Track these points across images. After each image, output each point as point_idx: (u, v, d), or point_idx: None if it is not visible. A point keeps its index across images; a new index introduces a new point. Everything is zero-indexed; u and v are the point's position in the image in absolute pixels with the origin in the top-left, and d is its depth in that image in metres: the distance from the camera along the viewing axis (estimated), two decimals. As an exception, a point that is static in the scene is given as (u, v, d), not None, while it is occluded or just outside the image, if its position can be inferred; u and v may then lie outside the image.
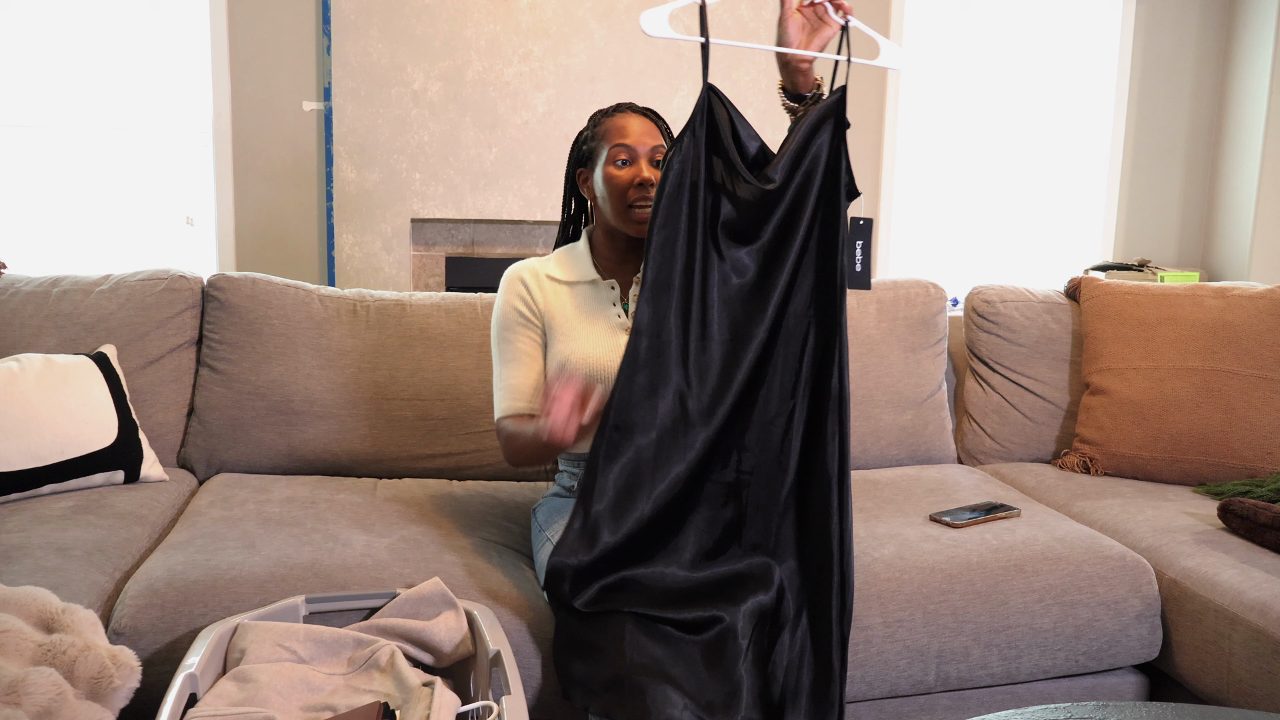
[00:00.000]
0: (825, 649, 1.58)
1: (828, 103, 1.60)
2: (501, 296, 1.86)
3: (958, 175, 4.72)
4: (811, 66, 1.62)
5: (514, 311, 1.84)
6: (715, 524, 1.64)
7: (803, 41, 1.60)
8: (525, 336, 1.83)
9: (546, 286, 1.85)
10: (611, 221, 1.80)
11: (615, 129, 1.78)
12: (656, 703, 1.40)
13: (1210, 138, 4.83)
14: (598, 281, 1.84)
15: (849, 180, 1.61)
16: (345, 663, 1.50)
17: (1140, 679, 1.98)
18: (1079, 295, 2.61)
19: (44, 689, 1.28)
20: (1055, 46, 4.70)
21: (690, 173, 1.57)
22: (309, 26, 4.04)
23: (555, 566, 1.56)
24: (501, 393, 1.84)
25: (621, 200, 1.76)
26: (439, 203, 3.99)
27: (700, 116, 1.56)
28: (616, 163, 1.76)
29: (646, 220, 1.75)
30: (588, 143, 1.84)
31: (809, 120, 1.59)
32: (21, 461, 1.93)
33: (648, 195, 1.74)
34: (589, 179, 1.84)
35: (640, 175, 1.74)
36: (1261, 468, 2.28)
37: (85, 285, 2.29)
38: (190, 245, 4.14)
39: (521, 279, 1.85)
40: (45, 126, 3.97)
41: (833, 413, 1.60)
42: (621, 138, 1.76)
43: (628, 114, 1.80)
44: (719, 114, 1.57)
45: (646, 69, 4.01)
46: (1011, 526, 2.01)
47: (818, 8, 1.59)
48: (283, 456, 2.24)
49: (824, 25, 1.60)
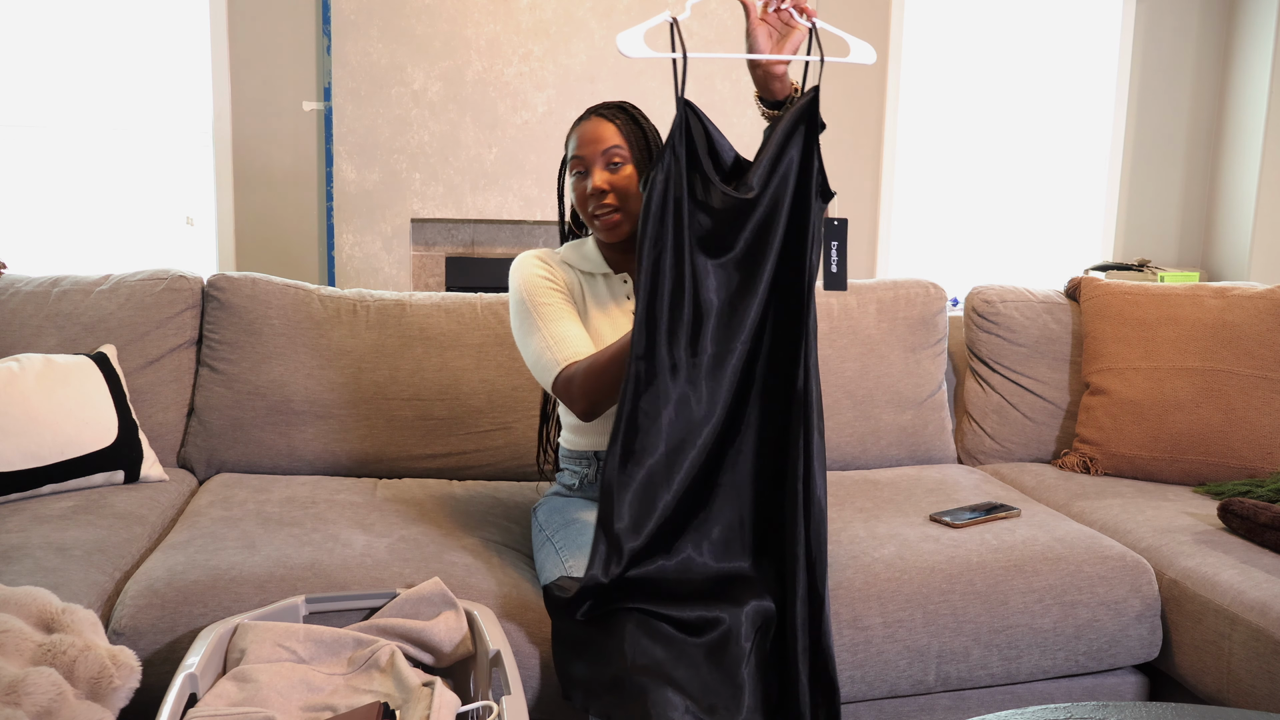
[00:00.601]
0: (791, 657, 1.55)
1: (800, 105, 1.59)
2: (521, 274, 1.82)
3: (958, 175, 4.72)
4: (786, 72, 1.62)
5: (541, 280, 1.80)
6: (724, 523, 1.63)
7: (772, 48, 1.60)
8: (560, 297, 1.80)
9: (563, 268, 1.85)
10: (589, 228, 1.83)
11: (574, 140, 1.79)
12: (658, 705, 1.40)
13: (1210, 138, 4.83)
14: (610, 275, 1.85)
15: (821, 181, 1.60)
16: (345, 663, 1.50)
17: (1140, 679, 1.98)
18: (1079, 295, 2.61)
19: (44, 689, 1.28)
20: (1055, 46, 4.70)
21: (674, 189, 1.56)
22: (309, 26, 4.04)
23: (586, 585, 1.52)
24: (557, 343, 1.74)
25: (584, 211, 1.78)
26: (439, 203, 3.99)
27: (679, 134, 1.55)
28: (575, 174, 1.79)
29: (611, 226, 1.76)
30: (565, 152, 1.85)
31: (783, 125, 1.58)
32: (21, 461, 1.93)
33: (604, 203, 1.75)
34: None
35: (593, 184, 1.75)
36: (1261, 468, 2.28)
37: (85, 285, 2.29)
38: (190, 245, 4.14)
39: (539, 257, 1.84)
40: (45, 126, 3.97)
41: (797, 415, 1.58)
42: (576, 149, 1.78)
43: (586, 121, 1.80)
44: (695, 129, 1.56)
45: (646, 69, 4.01)
46: (1011, 526, 2.01)
47: (782, 14, 1.59)
48: (283, 456, 2.24)
49: (791, 30, 1.59)
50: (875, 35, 4.44)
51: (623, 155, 1.76)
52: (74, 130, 3.99)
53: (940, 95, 4.65)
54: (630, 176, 1.76)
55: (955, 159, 4.70)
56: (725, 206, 1.57)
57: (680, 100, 1.54)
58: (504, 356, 2.32)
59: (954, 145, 4.69)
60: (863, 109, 4.51)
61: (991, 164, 4.73)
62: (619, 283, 1.84)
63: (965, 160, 4.71)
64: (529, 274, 1.81)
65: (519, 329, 1.81)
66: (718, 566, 1.60)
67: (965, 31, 4.62)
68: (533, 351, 1.77)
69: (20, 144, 3.96)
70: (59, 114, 3.96)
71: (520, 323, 1.80)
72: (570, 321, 1.77)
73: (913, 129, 4.64)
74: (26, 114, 3.94)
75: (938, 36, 4.60)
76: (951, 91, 4.65)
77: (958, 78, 4.64)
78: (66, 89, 3.95)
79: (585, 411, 1.71)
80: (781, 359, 1.61)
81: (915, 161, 4.66)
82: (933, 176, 4.70)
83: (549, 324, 1.76)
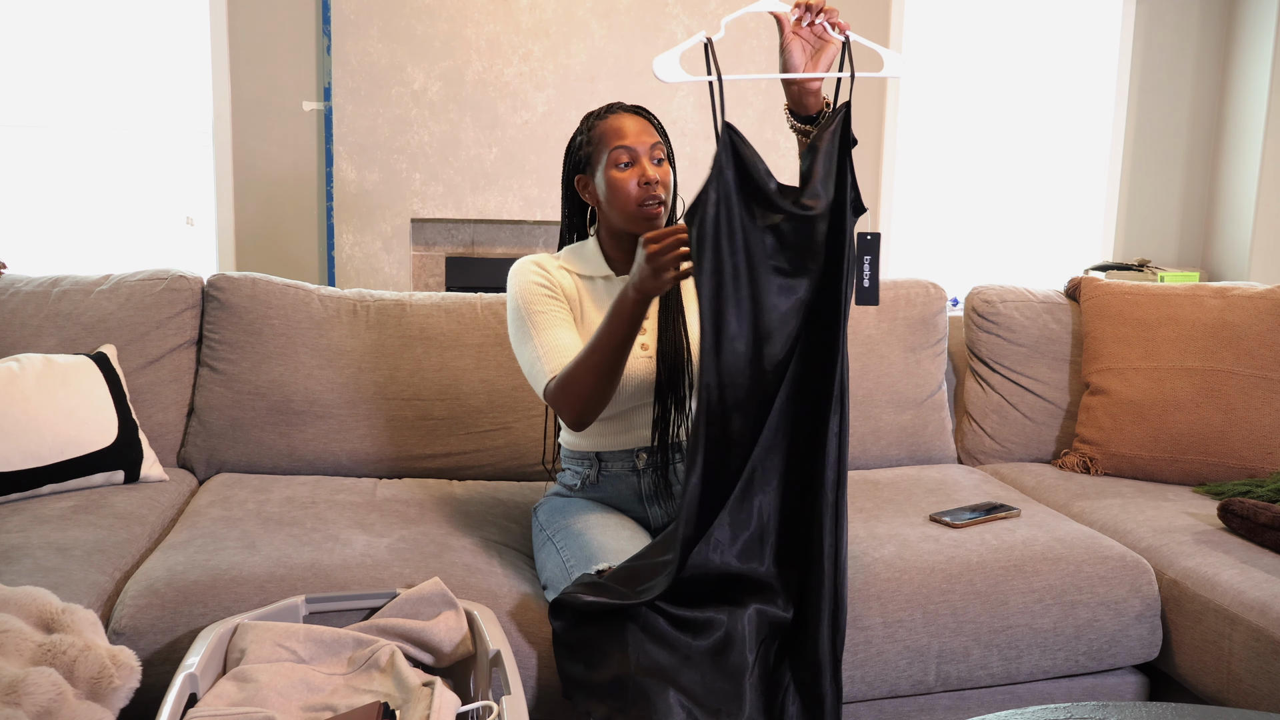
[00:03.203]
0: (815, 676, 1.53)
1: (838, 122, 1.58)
2: (517, 281, 1.81)
3: (958, 175, 4.72)
4: (820, 87, 1.62)
5: (537, 288, 1.79)
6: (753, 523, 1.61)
7: (807, 64, 1.60)
8: (556, 305, 1.79)
9: (561, 274, 1.84)
10: (619, 224, 1.78)
11: (612, 131, 1.76)
12: (660, 708, 1.40)
13: (1210, 138, 4.83)
14: (612, 278, 1.84)
15: (855, 195, 1.60)
16: (345, 663, 1.50)
17: (1140, 679, 1.98)
18: (1079, 295, 2.61)
19: (44, 689, 1.28)
20: (1055, 47, 4.70)
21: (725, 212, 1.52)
22: (309, 26, 4.04)
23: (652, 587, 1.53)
24: (548, 353, 1.74)
25: (630, 201, 1.74)
26: (439, 203, 3.99)
27: (727, 155, 1.51)
28: (619, 165, 1.74)
29: (653, 217, 1.74)
30: (584, 148, 1.81)
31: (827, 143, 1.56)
32: (21, 461, 1.93)
33: (654, 193, 1.73)
34: (589, 184, 1.82)
35: (645, 174, 1.73)
36: (1261, 468, 2.28)
37: (85, 285, 2.29)
38: (190, 245, 4.14)
39: (537, 264, 1.83)
40: (45, 126, 3.97)
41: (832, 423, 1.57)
42: (620, 139, 1.75)
43: (621, 114, 1.79)
44: (744, 151, 1.52)
45: (646, 69, 4.01)
46: (1011, 526, 2.01)
47: (816, 28, 1.59)
48: (283, 456, 2.24)
49: (825, 44, 1.59)
50: (875, 35, 4.44)
51: (663, 151, 1.77)
52: (74, 130, 3.99)
53: (940, 95, 4.65)
54: (669, 174, 1.78)
55: (955, 159, 4.70)
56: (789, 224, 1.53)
57: (722, 123, 1.50)
58: (504, 356, 2.32)
59: (954, 145, 4.69)
60: (863, 108, 4.51)
61: (991, 164, 4.73)
62: (620, 285, 1.83)
63: (965, 160, 4.71)
64: (525, 281, 1.80)
65: (515, 336, 1.80)
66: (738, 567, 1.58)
67: (965, 31, 4.62)
68: (526, 360, 1.77)
69: (20, 144, 3.96)
70: (59, 114, 3.96)
71: (516, 330, 1.80)
72: (563, 329, 1.76)
73: (913, 129, 4.64)
74: (26, 114, 3.94)
75: (938, 37, 4.60)
76: (952, 91, 4.65)
77: (958, 78, 4.64)
78: (66, 89, 3.95)
79: (574, 421, 1.71)
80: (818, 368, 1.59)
81: (915, 161, 4.66)
82: (933, 176, 4.70)
83: (542, 333, 1.76)
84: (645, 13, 4.01)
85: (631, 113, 1.79)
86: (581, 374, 1.66)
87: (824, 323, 1.58)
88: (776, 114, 4.08)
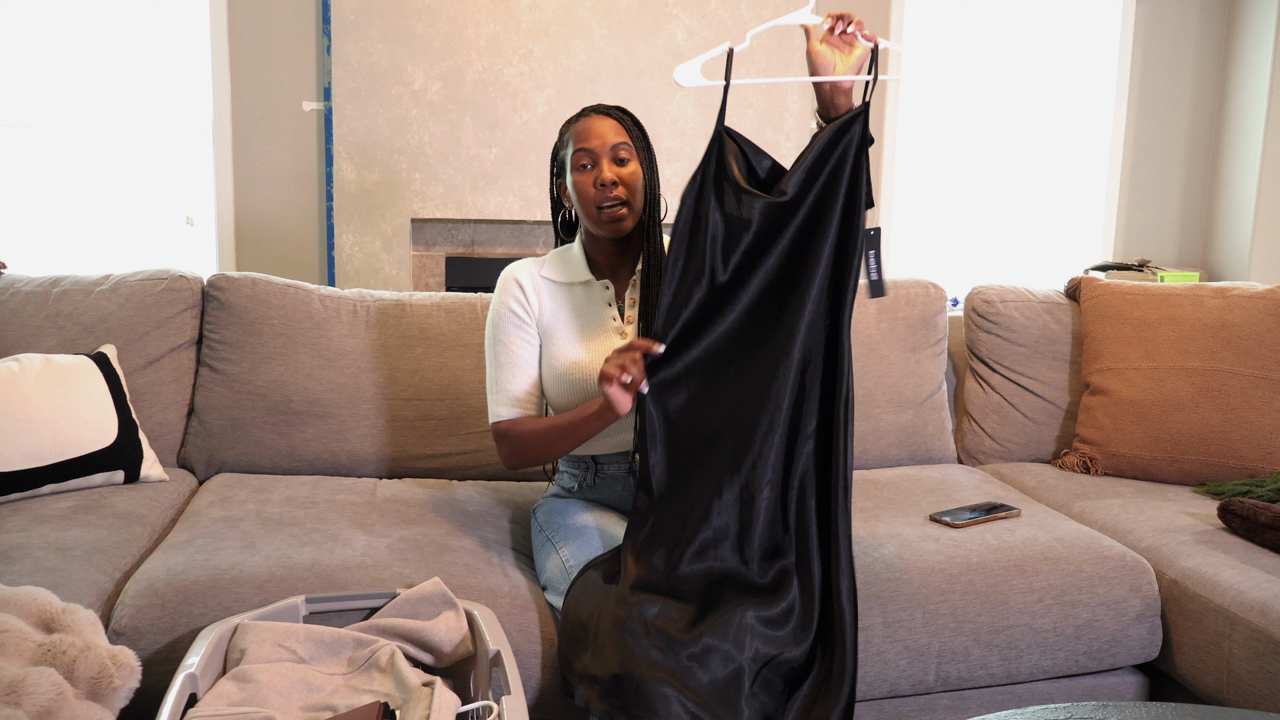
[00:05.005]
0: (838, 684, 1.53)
1: (847, 116, 1.61)
2: (497, 298, 1.86)
3: (958, 175, 4.72)
4: (852, 88, 1.64)
5: (509, 313, 1.84)
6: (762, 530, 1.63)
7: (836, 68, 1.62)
8: (520, 339, 1.83)
9: (542, 288, 1.85)
10: (588, 226, 1.81)
11: (577, 134, 1.79)
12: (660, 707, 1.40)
13: (1210, 138, 4.83)
14: (592, 283, 1.85)
15: (867, 191, 1.63)
16: (345, 663, 1.50)
17: (1140, 679, 1.98)
18: (1079, 295, 2.61)
19: (44, 689, 1.28)
20: (1055, 46, 4.70)
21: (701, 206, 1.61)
22: (309, 26, 4.04)
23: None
24: (496, 396, 1.84)
25: (589, 204, 1.76)
26: (439, 203, 3.99)
27: (711, 154, 1.60)
28: (580, 168, 1.77)
29: (617, 220, 1.76)
30: (559, 152, 1.85)
31: (824, 136, 1.60)
32: (21, 461, 1.93)
33: (610, 195, 1.74)
34: (565, 188, 1.85)
35: (601, 176, 1.74)
36: (1261, 468, 2.27)
37: (85, 285, 2.29)
38: (190, 245, 4.14)
39: (517, 280, 1.85)
40: (45, 126, 3.97)
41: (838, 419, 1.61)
42: (581, 142, 1.77)
43: (590, 117, 1.80)
44: (729, 147, 1.61)
45: (646, 69, 4.01)
46: (1011, 526, 2.01)
47: (848, 35, 1.62)
48: (283, 456, 2.24)
49: (852, 49, 1.63)
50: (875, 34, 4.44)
51: (629, 151, 1.77)
52: (74, 130, 3.99)
53: (940, 95, 4.65)
54: (636, 173, 1.77)
55: (955, 159, 4.70)
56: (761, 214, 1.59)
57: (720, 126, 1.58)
58: (504, 356, 2.32)
59: (954, 145, 4.69)
60: (863, 109, 4.51)
61: (991, 163, 4.73)
62: (600, 289, 1.84)
63: (965, 160, 4.71)
64: (501, 303, 1.85)
65: (486, 349, 1.89)
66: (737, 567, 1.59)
67: (965, 31, 4.62)
68: (486, 381, 1.89)
69: (20, 144, 3.96)
70: (59, 114, 3.96)
71: (486, 343, 1.88)
72: (521, 374, 1.83)
73: (913, 128, 4.64)
74: (26, 114, 3.94)
75: (938, 36, 4.60)
76: (952, 91, 4.65)
77: (958, 77, 4.64)
78: (66, 89, 3.95)
79: (505, 463, 1.83)
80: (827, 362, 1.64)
81: (915, 161, 4.66)
82: (933, 176, 4.70)
83: (499, 369, 1.84)
84: (645, 13, 4.01)
85: (602, 114, 1.80)
86: (534, 442, 1.78)
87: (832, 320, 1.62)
88: (777, 114, 4.08)
